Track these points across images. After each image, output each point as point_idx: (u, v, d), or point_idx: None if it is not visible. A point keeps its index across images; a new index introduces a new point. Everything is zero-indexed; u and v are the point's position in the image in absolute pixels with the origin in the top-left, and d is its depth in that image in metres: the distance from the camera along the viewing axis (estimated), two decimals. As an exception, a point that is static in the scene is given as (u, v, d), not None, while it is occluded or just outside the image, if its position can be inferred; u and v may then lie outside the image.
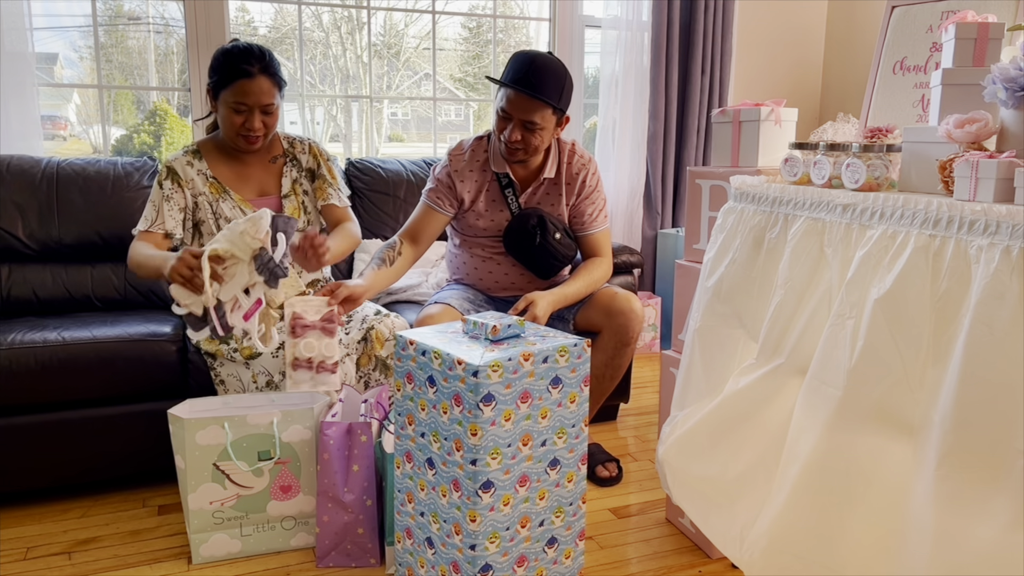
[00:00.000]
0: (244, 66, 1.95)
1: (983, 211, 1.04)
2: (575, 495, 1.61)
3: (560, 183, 2.25)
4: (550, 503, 1.56)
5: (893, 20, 1.83)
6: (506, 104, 2.07)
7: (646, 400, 2.95)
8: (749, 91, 3.88)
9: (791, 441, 1.33)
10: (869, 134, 1.50)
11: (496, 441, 1.43)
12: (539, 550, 1.57)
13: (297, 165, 2.17)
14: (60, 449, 1.99)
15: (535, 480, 1.52)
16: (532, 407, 1.48)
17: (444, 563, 1.53)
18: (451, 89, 4.05)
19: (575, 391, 1.55)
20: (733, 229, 1.53)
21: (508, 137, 2.08)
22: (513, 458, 1.47)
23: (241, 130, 2.01)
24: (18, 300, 2.38)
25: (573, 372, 1.54)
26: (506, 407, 1.43)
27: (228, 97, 1.98)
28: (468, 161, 2.22)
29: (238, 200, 2.08)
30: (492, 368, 1.39)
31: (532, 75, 2.02)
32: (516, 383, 1.44)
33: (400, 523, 1.64)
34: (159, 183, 2.05)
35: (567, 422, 1.55)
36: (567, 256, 2.25)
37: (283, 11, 3.52)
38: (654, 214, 3.70)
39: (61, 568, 1.77)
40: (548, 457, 1.53)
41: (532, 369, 1.46)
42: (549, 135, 2.14)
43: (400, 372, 1.57)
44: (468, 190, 2.22)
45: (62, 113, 3.35)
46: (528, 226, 2.18)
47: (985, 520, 1.02)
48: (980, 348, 1.01)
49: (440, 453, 1.49)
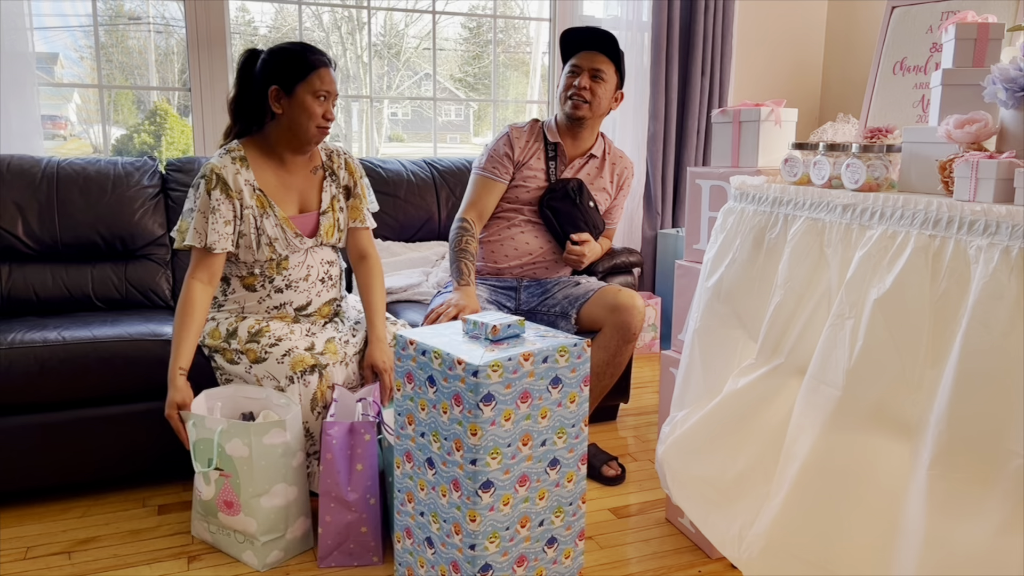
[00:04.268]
0: (318, 57, 1.97)
1: (983, 211, 1.04)
2: (575, 495, 1.61)
3: (603, 169, 2.45)
4: (550, 503, 1.56)
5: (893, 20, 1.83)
6: (576, 60, 2.34)
7: (646, 400, 2.96)
8: (749, 91, 3.88)
9: (790, 441, 1.33)
10: (869, 134, 1.50)
11: (496, 441, 1.43)
12: (539, 550, 1.57)
13: (336, 181, 2.15)
14: (60, 449, 1.99)
15: (535, 480, 1.52)
16: (532, 407, 1.48)
17: (444, 563, 1.53)
18: (451, 89, 4.05)
19: (575, 391, 1.55)
20: (733, 229, 1.53)
21: (578, 84, 2.30)
22: (513, 458, 1.47)
23: (321, 121, 1.99)
24: (18, 300, 2.37)
25: (573, 372, 1.54)
26: (506, 407, 1.43)
27: (308, 88, 1.95)
28: (527, 132, 2.41)
29: (281, 218, 2.02)
30: (492, 368, 1.39)
31: (594, 31, 2.33)
32: (516, 383, 1.44)
33: (400, 522, 1.64)
34: (207, 191, 1.95)
35: (567, 422, 1.55)
36: (596, 227, 2.41)
37: (283, 11, 3.52)
38: (654, 214, 3.70)
39: (61, 568, 1.77)
40: (548, 457, 1.53)
41: (532, 369, 1.46)
42: (609, 96, 2.36)
43: (400, 372, 1.57)
44: (524, 154, 2.38)
45: (62, 113, 3.35)
46: (569, 188, 2.35)
47: (977, 521, 1.02)
48: (977, 348, 1.01)
49: (440, 453, 1.49)
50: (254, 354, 1.93)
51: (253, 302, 2.05)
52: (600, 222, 2.42)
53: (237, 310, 2.04)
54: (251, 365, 1.93)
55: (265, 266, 2.03)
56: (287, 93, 1.96)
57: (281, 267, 2.04)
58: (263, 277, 2.04)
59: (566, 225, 2.35)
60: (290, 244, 2.03)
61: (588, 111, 2.33)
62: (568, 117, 2.35)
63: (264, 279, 2.04)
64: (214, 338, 1.99)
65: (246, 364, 1.94)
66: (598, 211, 2.42)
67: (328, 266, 2.14)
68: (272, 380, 1.91)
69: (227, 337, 1.98)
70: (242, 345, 1.95)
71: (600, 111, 2.36)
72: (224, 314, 2.05)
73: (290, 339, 1.94)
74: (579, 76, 2.32)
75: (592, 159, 2.43)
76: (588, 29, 2.34)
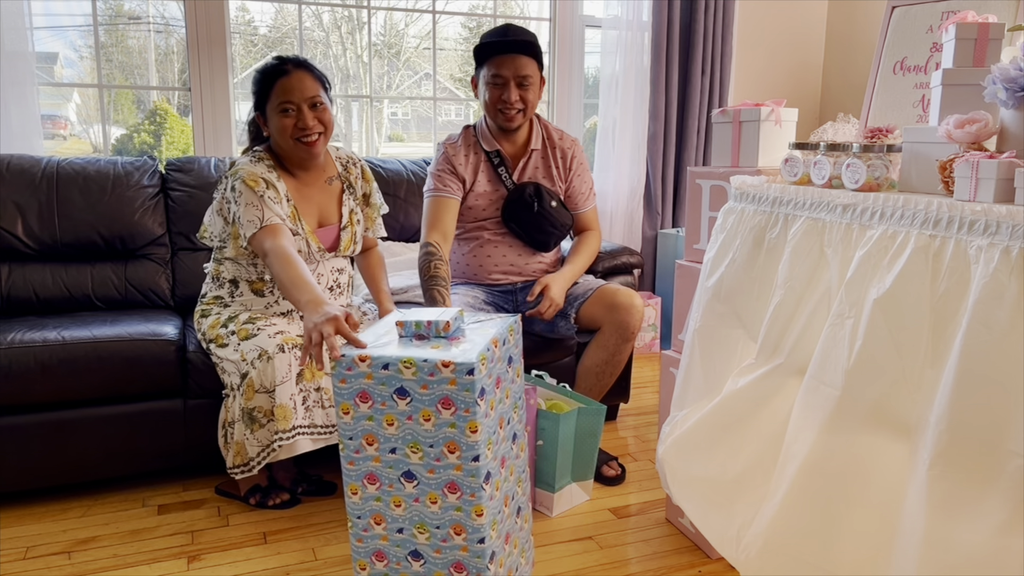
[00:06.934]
0: (278, 68, 1.95)
1: (983, 211, 1.03)
2: (524, 461, 1.67)
3: (549, 157, 2.37)
4: (516, 476, 1.61)
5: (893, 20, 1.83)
6: (497, 70, 2.20)
7: (646, 400, 2.95)
8: (749, 91, 3.88)
9: (789, 441, 1.33)
10: (869, 134, 1.50)
11: (488, 433, 1.43)
12: (512, 522, 1.60)
13: (354, 193, 2.15)
14: (60, 449, 1.99)
15: (508, 458, 1.56)
16: (501, 389, 1.50)
17: (440, 569, 1.51)
18: (451, 89, 4.05)
19: (519, 365, 1.61)
20: (733, 229, 1.53)
21: (508, 99, 2.20)
22: (497, 444, 1.48)
23: (295, 132, 1.93)
24: (18, 300, 2.37)
25: (517, 347, 1.59)
26: (491, 397, 1.43)
27: (273, 103, 1.93)
28: (461, 146, 2.33)
29: (307, 232, 2.01)
30: (482, 362, 1.38)
31: (510, 36, 2.21)
32: (492, 371, 1.44)
33: (364, 550, 1.55)
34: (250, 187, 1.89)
35: (517, 396, 1.60)
36: (564, 224, 2.35)
37: (283, 11, 3.52)
38: (654, 214, 3.70)
39: (61, 568, 1.77)
40: (511, 433, 1.58)
41: (499, 353, 1.48)
42: (537, 92, 2.27)
43: (347, 394, 1.44)
44: (467, 172, 2.31)
45: (62, 112, 3.35)
46: (526, 195, 2.28)
47: (977, 522, 1.02)
48: (977, 348, 1.01)
49: (424, 462, 1.45)
50: (246, 332, 1.93)
51: (260, 307, 2.05)
52: (568, 217, 2.37)
53: (242, 311, 2.04)
54: (240, 342, 1.92)
55: None
56: (264, 117, 1.99)
57: None
58: (272, 283, 2.04)
59: (534, 233, 2.32)
60: (311, 257, 2.03)
61: (523, 118, 2.26)
62: (502, 128, 2.29)
63: (273, 285, 2.04)
64: (213, 328, 1.99)
65: (235, 343, 1.93)
66: (563, 205, 2.36)
67: (338, 274, 2.14)
68: (257, 351, 1.86)
69: (225, 322, 1.98)
70: (237, 327, 1.95)
71: (532, 112, 2.30)
72: (229, 310, 2.05)
73: (288, 332, 1.94)
74: (506, 89, 2.19)
75: (534, 153, 2.36)
76: (507, 42, 2.20)
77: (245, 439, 1.89)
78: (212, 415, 2.03)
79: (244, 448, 1.90)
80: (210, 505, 2.07)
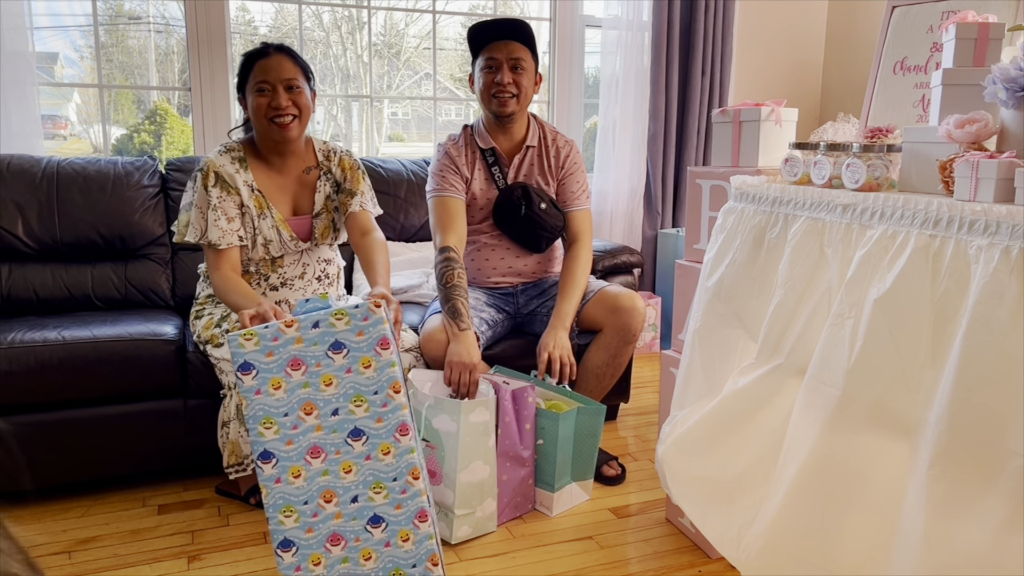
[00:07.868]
0: (258, 51, 1.97)
1: (983, 211, 1.03)
2: (399, 470, 1.48)
3: (544, 155, 2.35)
4: (361, 478, 1.47)
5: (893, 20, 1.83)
6: (490, 53, 2.20)
7: (646, 400, 2.95)
8: (749, 91, 3.88)
9: (789, 441, 1.33)
10: (869, 134, 1.50)
11: (267, 411, 1.42)
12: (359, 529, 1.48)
13: (331, 179, 2.14)
14: (59, 449, 1.99)
15: (332, 452, 1.46)
16: (309, 374, 1.45)
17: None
18: (451, 89, 4.05)
19: (368, 355, 1.46)
20: (733, 229, 1.53)
21: (502, 81, 2.18)
22: (295, 428, 1.44)
23: (268, 111, 1.94)
24: (18, 299, 2.37)
25: (360, 335, 1.44)
26: (272, 375, 1.44)
27: (251, 87, 1.96)
28: (460, 146, 2.31)
29: (278, 220, 2.02)
30: (245, 337, 1.39)
31: (504, 22, 2.21)
32: (280, 350, 1.42)
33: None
34: (204, 186, 1.95)
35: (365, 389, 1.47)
36: (554, 227, 2.31)
37: (283, 11, 3.52)
38: (654, 214, 3.70)
39: (61, 567, 1.77)
40: (346, 427, 1.46)
41: (300, 335, 1.43)
42: (531, 82, 2.25)
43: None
44: (467, 170, 2.30)
45: (62, 112, 3.35)
46: (513, 198, 2.26)
47: (976, 521, 1.02)
48: (977, 347, 1.01)
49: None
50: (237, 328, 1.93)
51: None
52: (559, 219, 2.32)
53: None
54: None
55: (260, 264, 2.03)
56: (244, 99, 2.01)
57: (276, 265, 2.04)
58: (258, 275, 2.05)
59: (524, 235, 2.30)
60: (284, 246, 2.03)
61: (516, 105, 2.22)
62: (497, 116, 2.24)
63: (259, 276, 2.05)
64: (207, 328, 1.99)
65: None
66: (555, 205, 2.32)
67: (325, 264, 2.14)
68: None
69: (219, 322, 1.99)
70: (230, 325, 1.96)
71: (527, 101, 2.27)
72: (221, 309, 2.05)
73: None
74: (499, 72, 2.18)
75: (530, 150, 2.33)
76: (498, 23, 2.22)
77: (240, 437, 1.91)
78: (212, 415, 2.03)
79: (239, 447, 1.91)
80: (210, 505, 2.07)
